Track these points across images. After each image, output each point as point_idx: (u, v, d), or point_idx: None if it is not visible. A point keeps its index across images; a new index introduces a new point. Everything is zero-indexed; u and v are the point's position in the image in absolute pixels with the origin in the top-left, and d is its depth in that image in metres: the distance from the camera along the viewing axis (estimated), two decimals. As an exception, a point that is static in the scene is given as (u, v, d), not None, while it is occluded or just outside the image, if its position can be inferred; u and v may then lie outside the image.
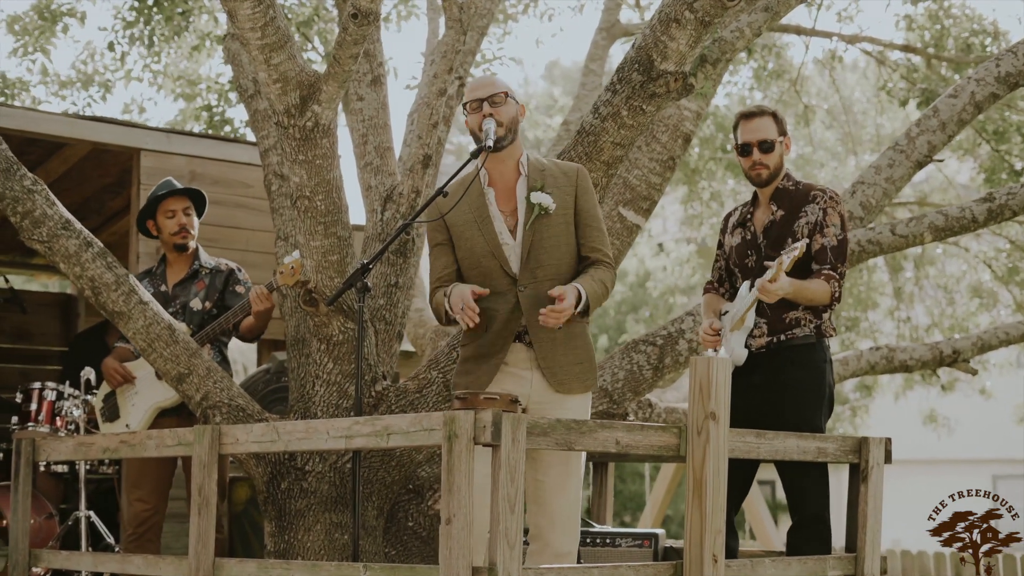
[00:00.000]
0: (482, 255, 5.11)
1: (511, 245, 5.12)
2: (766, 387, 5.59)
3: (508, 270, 5.10)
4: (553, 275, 5.11)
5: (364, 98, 6.80)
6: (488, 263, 5.11)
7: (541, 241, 5.11)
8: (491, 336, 5.09)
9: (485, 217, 5.13)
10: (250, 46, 5.52)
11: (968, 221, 7.37)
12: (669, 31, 5.48)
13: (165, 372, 6.36)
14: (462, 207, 5.12)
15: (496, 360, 5.09)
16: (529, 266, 5.10)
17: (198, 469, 5.38)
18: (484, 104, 5.09)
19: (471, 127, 5.16)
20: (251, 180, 8.46)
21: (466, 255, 5.15)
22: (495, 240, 5.11)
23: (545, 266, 5.11)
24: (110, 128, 8.08)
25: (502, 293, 5.09)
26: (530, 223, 5.10)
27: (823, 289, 5.46)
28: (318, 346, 6.23)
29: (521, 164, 5.19)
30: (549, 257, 5.11)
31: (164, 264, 7.08)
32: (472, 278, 5.13)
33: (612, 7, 11.20)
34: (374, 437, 4.79)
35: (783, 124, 5.69)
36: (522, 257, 5.10)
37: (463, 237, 5.14)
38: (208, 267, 7.03)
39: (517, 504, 4.49)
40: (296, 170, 5.79)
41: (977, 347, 9.10)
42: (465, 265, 5.16)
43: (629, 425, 4.86)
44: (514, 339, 5.10)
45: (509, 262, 5.10)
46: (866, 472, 5.65)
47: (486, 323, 5.08)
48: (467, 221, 5.13)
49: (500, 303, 5.09)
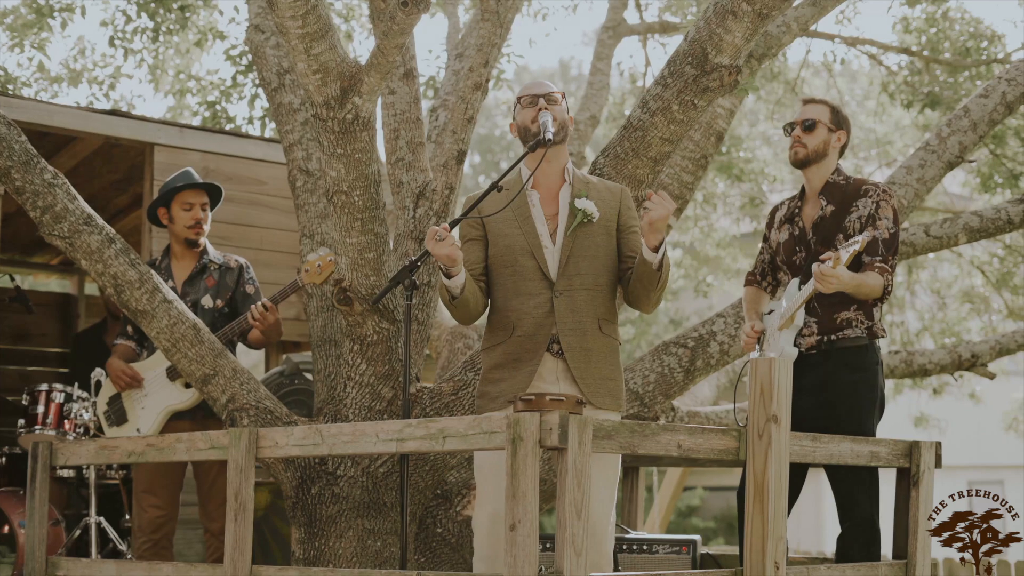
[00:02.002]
0: (520, 253, 4.96)
1: (551, 248, 4.98)
2: (818, 390, 5.45)
3: (547, 272, 4.95)
4: (590, 285, 4.98)
5: (396, 92, 6.60)
6: (525, 262, 4.96)
7: (581, 249, 4.97)
8: (521, 340, 4.94)
9: (527, 216, 4.99)
10: (289, 35, 5.32)
11: (1003, 223, 7.27)
12: (725, 23, 5.33)
13: (190, 373, 6.15)
14: (502, 204, 4.96)
15: (530, 367, 4.93)
16: (567, 272, 4.95)
17: (235, 474, 5.18)
18: (540, 100, 4.97)
19: (522, 124, 5.03)
20: (265, 177, 8.26)
21: (502, 252, 4.99)
22: (536, 240, 4.97)
23: (583, 274, 4.97)
24: (124, 122, 7.84)
25: (533, 295, 4.95)
26: (572, 228, 4.96)
27: (878, 282, 5.34)
28: (350, 347, 6.03)
29: (567, 171, 5.07)
30: (588, 266, 4.98)
31: (169, 257, 6.82)
32: (505, 277, 4.98)
33: (618, 5, 11.04)
34: (428, 440, 4.60)
35: (839, 116, 5.57)
36: (561, 262, 4.95)
37: (501, 234, 4.98)
38: (217, 263, 6.79)
39: (584, 509, 4.33)
40: (334, 164, 5.60)
41: (996, 351, 9.01)
42: (499, 263, 5.00)
43: (691, 428, 4.72)
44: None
45: (548, 264, 4.95)
46: (917, 477, 5.54)
47: (512, 325, 4.92)
48: (507, 218, 4.98)
49: (531, 305, 4.94)
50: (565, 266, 4.94)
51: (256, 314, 6.36)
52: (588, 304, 4.97)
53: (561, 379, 4.94)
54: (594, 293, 4.98)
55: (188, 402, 6.56)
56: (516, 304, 4.94)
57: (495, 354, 5.00)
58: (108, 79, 11.78)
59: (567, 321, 4.92)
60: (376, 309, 5.86)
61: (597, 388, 4.97)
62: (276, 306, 6.39)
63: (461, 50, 7.07)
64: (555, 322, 4.92)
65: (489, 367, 5.03)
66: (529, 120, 4.99)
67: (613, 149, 5.76)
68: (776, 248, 5.69)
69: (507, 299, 4.96)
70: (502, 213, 4.95)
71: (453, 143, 6.62)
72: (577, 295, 4.94)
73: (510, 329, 4.94)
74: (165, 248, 6.87)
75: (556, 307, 4.93)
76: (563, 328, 4.92)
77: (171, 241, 6.82)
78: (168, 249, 6.84)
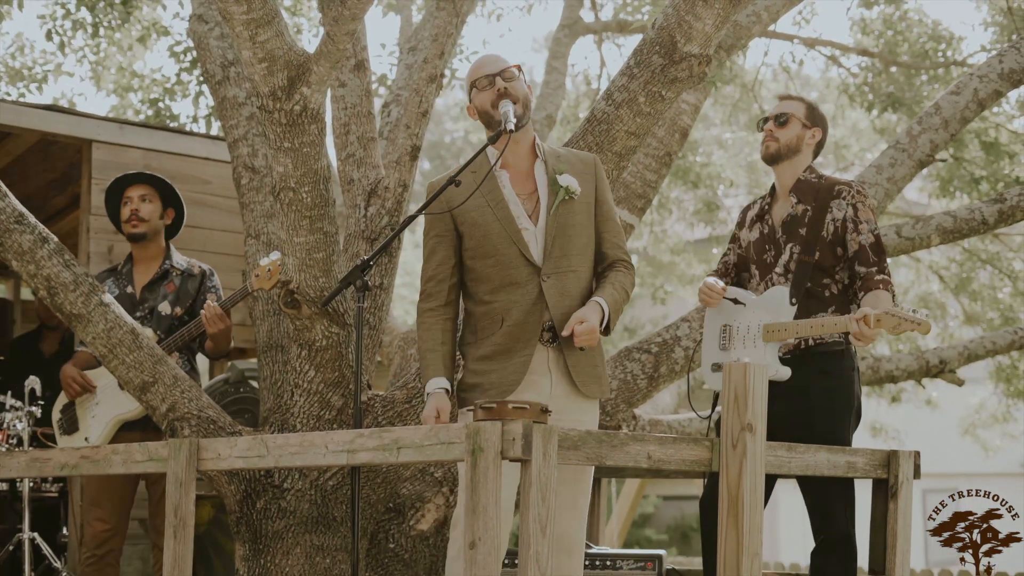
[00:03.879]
0: (499, 241, 4.64)
1: (531, 231, 4.66)
2: (791, 396, 5.19)
3: (530, 257, 4.63)
4: (576, 266, 4.68)
5: (346, 84, 6.26)
6: (506, 250, 4.63)
7: (566, 228, 4.67)
8: (511, 329, 4.62)
9: (499, 200, 4.66)
10: (234, 21, 5.00)
11: (978, 223, 7.04)
12: (695, 10, 5.05)
13: (127, 380, 5.81)
14: (470, 190, 4.64)
15: (522, 357, 4.61)
16: (553, 254, 4.64)
17: (174, 487, 4.85)
18: (496, 79, 4.65)
19: (481, 108, 4.71)
20: (209, 176, 7.90)
21: (480, 243, 4.66)
22: (513, 225, 4.64)
23: (569, 255, 4.67)
24: (61, 118, 7.47)
25: (521, 284, 4.63)
26: (555, 207, 4.65)
27: (888, 299, 5.11)
28: (298, 352, 5.70)
29: (537, 146, 4.76)
30: (574, 246, 4.68)
31: (131, 262, 6.51)
32: (488, 268, 4.66)
33: (574, 3, 10.80)
34: (382, 451, 4.30)
35: (815, 114, 5.34)
36: (546, 244, 4.64)
37: (475, 224, 4.66)
38: (180, 268, 6.47)
39: (549, 525, 4.05)
40: (280, 159, 5.28)
41: (964, 357, 8.81)
42: (479, 254, 4.67)
43: (660, 438, 4.43)
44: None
45: (530, 249, 4.64)
46: (895, 488, 5.29)
47: (500, 317, 4.62)
48: (479, 206, 4.66)
49: (519, 294, 4.63)
50: (551, 248, 4.64)
51: (208, 313, 6.04)
52: (576, 287, 4.68)
53: (553, 369, 4.64)
54: (580, 275, 4.70)
55: (137, 411, 6.20)
56: (503, 295, 4.63)
57: (481, 347, 4.67)
58: (44, 75, 11.38)
59: (559, 306, 4.62)
60: (325, 312, 5.54)
61: (586, 377, 4.69)
62: (227, 312, 6.05)
63: (414, 43, 6.77)
64: (545, 308, 4.62)
65: (475, 359, 4.69)
66: (489, 104, 4.67)
67: (576, 144, 5.46)
68: (746, 247, 5.45)
69: (493, 292, 4.64)
70: (472, 201, 4.64)
71: (407, 138, 6.31)
72: (565, 278, 4.65)
73: (499, 321, 4.63)
74: (128, 253, 6.56)
75: (546, 292, 4.62)
76: (556, 315, 4.62)
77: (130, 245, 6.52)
78: (130, 255, 6.55)
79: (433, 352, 4.70)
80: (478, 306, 4.72)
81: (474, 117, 4.77)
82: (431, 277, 4.75)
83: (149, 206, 6.41)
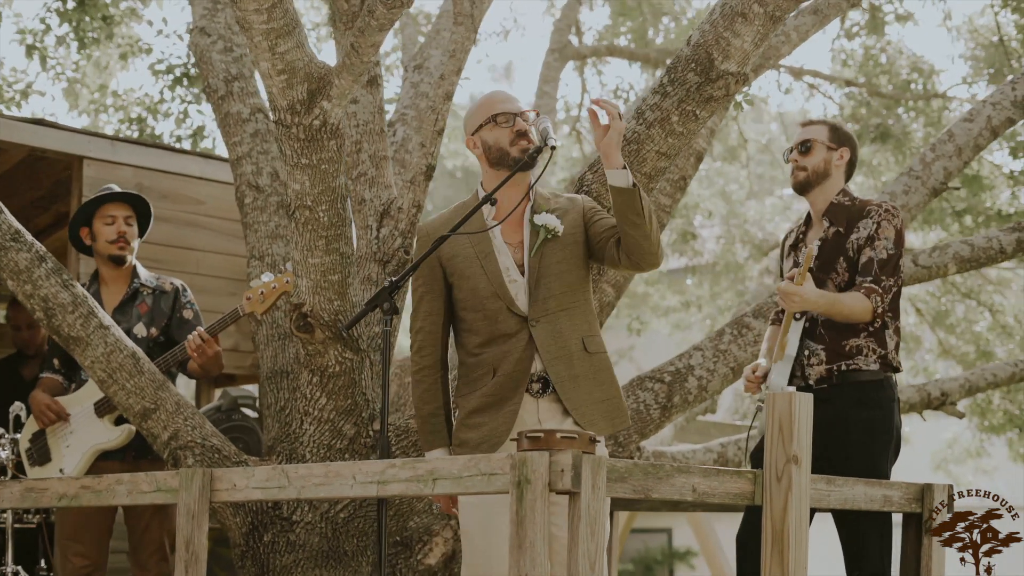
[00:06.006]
0: (486, 296, 4.44)
1: (519, 283, 4.46)
2: (829, 427, 4.98)
3: (516, 310, 4.43)
4: (566, 304, 4.47)
5: (359, 100, 6.04)
6: (492, 305, 4.43)
7: (548, 268, 4.45)
8: (502, 380, 4.42)
9: (488, 252, 4.45)
10: (252, 31, 4.78)
11: (996, 252, 6.89)
12: (733, 27, 4.87)
13: (127, 407, 5.54)
14: (461, 240, 4.44)
15: (512, 406, 4.40)
16: (539, 297, 4.43)
17: (185, 520, 4.59)
18: (516, 119, 4.44)
19: (495, 144, 4.45)
20: (203, 196, 7.64)
21: (468, 296, 4.47)
22: (499, 278, 4.43)
23: (557, 296, 4.45)
24: (51, 132, 7.19)
25: (510, 335, 4.43)
26: (536, 248, 4.45)
27: (861, 305, 4.87)
28: (309, 378, 5.45)
29: (530, 191, 4.53)
30: (559, 284, 4.45)
31: (98, 283, 6.10)
32: (477, 321, 4.46)
33: (563, 28, 10.65)
34: (416, 483, 4.06)
35: (839, 134, 5.14)
36: (530, 289, 4.44)
37: (464, 276, 4.46)
38: (150, 286, 6.09)
39: (598, 563, 3.84)
40: (297, 176, 5.05)
41: (965, 389, 8.67)
42: (468, 306, 4.47)
43: (705, 470, 4.23)
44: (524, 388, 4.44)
45: (516, 302, 4.43)
46: (930, 523, 5.11)
47: (492, 368, 4.43)
48: (468, 256, 4.46)
49: (509, 345, 4.42)
50: (536, 291, 4.44)
51: (194, 345, 5.73)
52: (569, 325, 4.46)
53: (544, 419, 4.43)
54: (572, 312, 4.48)
55: (117, 441, 5.91)
56: (494, 347, 4.43)
57: (472, 399, 4.47)
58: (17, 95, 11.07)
59: (550, 350, 4.42)
60: (339, 337, 5.31)
61: (593, 415, 4.47)
62: (215, 338, 5.74)
63: (420, 61, 6.57)
64: (535, 355, 4.41)
65: (467, 412, 4.49)
66: (507, 142, 4.43)
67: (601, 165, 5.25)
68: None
69: (483, 345, 4.45)
70: (463, 250, 4.45)
71: (421, 157, 6.09)
72: (556, 319, 4.45)
73: (491, 372, 4.43)
74: (92, 273, 6.18)
75: (536, 338, 4.42)
76: (548, 358, 4.42)
77: (97, 264, 6.14)
78: (96, 274, 6.16)
79: (435, 417, 4.55)
80: (470, 357, 4.54)
81: (473, 149, 4.54)
82: (420, 329, 4.56)
83: (132, 229, 6.09)
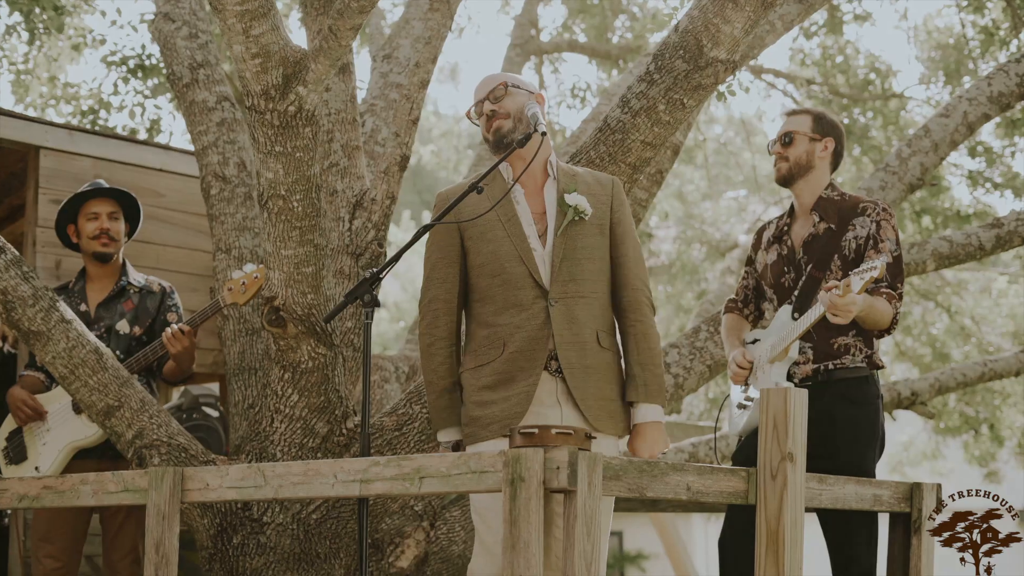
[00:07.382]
0: (507, 259, 4.30)
1: (540, 252, 4.32)
2: (814, 424, 4.87)
3: (538, 279, 4.29)
4: (587, 292, 4.33)
5: (331, 88, 5.85)
6: (514, 269, 4.29)
7: (575, 251, 4.33)
8: (513, 357, 4.25)
9: (512, 216, 4.33)
10: (226, 12, 4.59)
11: (974, 248, 6.82)
12: (724, 12, 4.73)
13: (90, 404, 5.33)
14: (484, 205, 4.31)
15: (526, 387, 4.24)
16: (561, 278, 4.30)
17: (156, 521, 4.42)
18: (485, 104, 4.39)
19: (483, 134, 4.48)
20: (163, 189, 7.42)
21: (487, 260, 4.32)
22: (524, 243, 4.31)
23: (578, 280, 4.32)
24: (6, 121, 6.94)
25: (526, 307, 4.28)
26: (563, 228, 4.31)
27: (887, 310, 4.80)
28: (280, 375, 5.26)
29: (550, 164, 4.43)
30: (583, 271, 4.33)
31: (84, 279, 6.02)
32: (493, 288, 4.31)
33: (525, 23, 10.51)
34: (401, 481, 3.91)
35: (823, 123, 5.02)
36: (553, 267, 4.30)
37: (484, 239, 4.32)
38: (137, 285, 6.01)
39: (595, 563, 3.70)
40: (270, 163, 4.86)
41: (935, 389, 8.61)
42: (485, 272, 4.33)
43: (699, 468, 4.10)
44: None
45: (539, 270, 4.30)
46: (919, 523, 5.02)
47: (502, 342, 4.27)
48: (490, 220, 4.32)
49: (523, 318, 4.27)
50: (559, 271, 4.30)
51: (169, 334, 5.58)
52: (586, 314, 4.32)
53: (562, 401, 4.27)
54: (591, 301, 4.34)
55: (93, 437, 5.72)
56: (507, 318, 4.27)
57: (482, 374, 4.29)
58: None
59: (564, 334, 4.27)
60: (313, 332, 5.12)
61: (599, 411, 4.31)
62: (195, 330, 5.59)
63: (388, 51, 6.40)
64: (551, 335, 4.26)
65: (476, 389, 4.31)
66: (484, 130, 4.43)
67: (587, 154, 5.11)
68: (762, 271, 5.14)
69: (496, 313, 4.28)
70: (486, 215, 4.31)
71: (396, 147, 5.91)
72: (574, 304, 4.30)
73: (500, 346, 4.26)
74: (80, 270, 6.09)
75: (552, 318, 4.27)
76: (561, 342, 4.26)
77: (84, 261, 6.06)
78: (83, 271, 6.07)
79: (452, 393, 4.39)
80: (481, 328, 4.36)
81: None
82: (434, 298, 4.39)
83: (117, 224, 5.97)
